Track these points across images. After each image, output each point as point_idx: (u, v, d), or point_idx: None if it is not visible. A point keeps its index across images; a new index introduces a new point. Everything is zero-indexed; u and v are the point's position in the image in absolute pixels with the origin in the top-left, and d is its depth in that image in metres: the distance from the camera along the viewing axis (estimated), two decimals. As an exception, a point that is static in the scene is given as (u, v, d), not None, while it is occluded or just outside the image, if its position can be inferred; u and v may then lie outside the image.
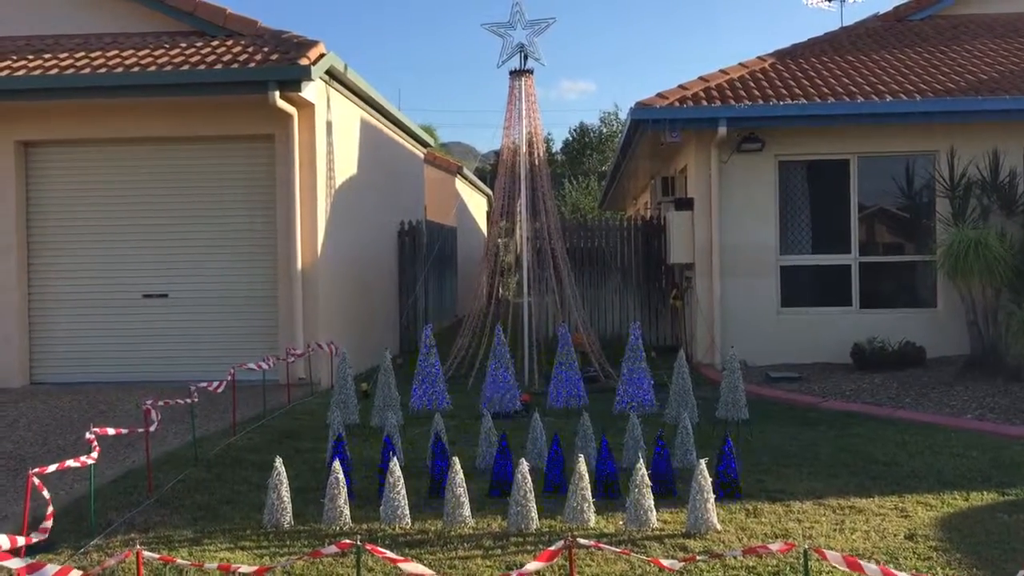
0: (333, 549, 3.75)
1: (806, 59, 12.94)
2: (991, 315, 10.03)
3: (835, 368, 10.85)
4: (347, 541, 3.75)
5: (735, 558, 4.55)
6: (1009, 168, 10.90)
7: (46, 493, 4.59)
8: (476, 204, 27.20)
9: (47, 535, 4.39)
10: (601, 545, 3.78)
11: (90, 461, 5.02)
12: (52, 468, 4.76)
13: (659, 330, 14.03)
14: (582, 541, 3.68)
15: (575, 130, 51.83)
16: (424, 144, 17.58)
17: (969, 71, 11.79)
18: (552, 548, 3.52)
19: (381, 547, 3.88)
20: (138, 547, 3.72)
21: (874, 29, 14.14)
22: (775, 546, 3.51)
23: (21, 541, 3.83)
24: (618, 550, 3.95)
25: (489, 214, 12.45)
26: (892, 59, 12.56)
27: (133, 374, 10.80)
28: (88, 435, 5.28)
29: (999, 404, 8.42)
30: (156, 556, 3.92)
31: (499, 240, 11.62)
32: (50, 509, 4.50)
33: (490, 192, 18.68)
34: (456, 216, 21.86)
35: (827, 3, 16.84)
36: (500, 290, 11.64)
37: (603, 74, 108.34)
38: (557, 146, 52.29)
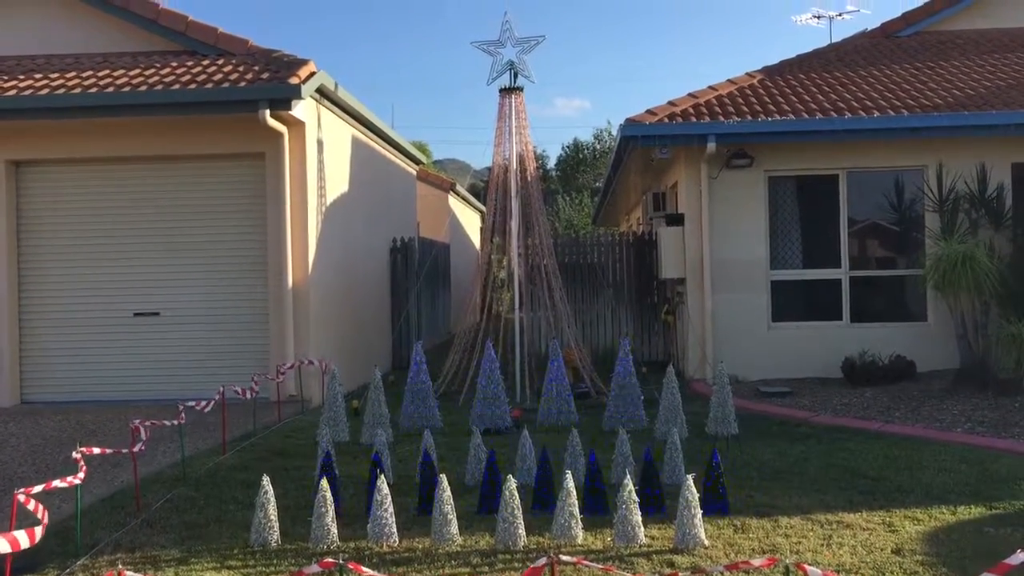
0: (315, 568, 3.75)
1: (794, 75, 13.03)
2: (980, 328, 10.05)
3: (826, 382, 10.87)
4: (330, 560, 3.75)
5: (720, 574, 4.54)
6: (997, 182, 10.97)
7: (31, 506, 4.54)
8: (469, 220, 27.26)
9: (34, 542, 4.32)
10: (584, 561, 3.79)
11: (77, 481, 5.00)
12: (39, 488, 4.74)
13: (651, 345, 14.05)
14: (564, 558, 3.69)
15: (568, 146, 51.91)
16: (416, 161, 17.64)
17: (956, 87, 11.88)
18: (534, 565, 3.52)
19: (367, 566, 3.88)
20: (120, 567, 3.71)
21: (862, 45, 14.25)
22: (757, 561, 3.52)
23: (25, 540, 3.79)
24: (601, 566, 3.95)
25: (482, 230, 12.50)
26: (880, 75, 12.65)
27: (124, 393, 10.78)
28: (75, 455, 5.26)
29: (988, 418, 8.44)
30: (140, 576, 3.91)
31: (491, 256, 11.65)
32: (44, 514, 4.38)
33: (483, 208, 18.75)
34: (449, 232, 21.92)
35: (816, 20, 17.04)
36: (493, 306, 11.66)
37: (598, 92, 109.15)
38: (552, 162, 52.37)
